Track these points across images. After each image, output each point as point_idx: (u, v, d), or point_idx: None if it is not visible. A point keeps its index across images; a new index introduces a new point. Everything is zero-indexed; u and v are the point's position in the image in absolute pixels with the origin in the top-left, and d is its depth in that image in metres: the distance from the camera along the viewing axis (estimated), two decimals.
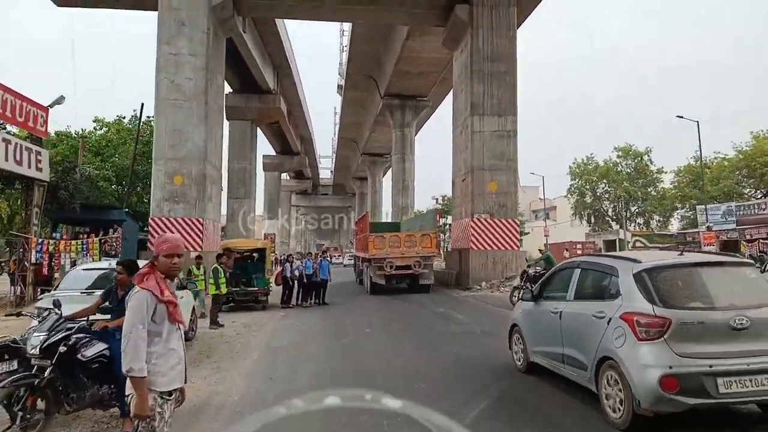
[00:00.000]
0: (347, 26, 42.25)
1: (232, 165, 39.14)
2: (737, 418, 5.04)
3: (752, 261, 6.19)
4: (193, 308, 10.51)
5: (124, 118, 32.24)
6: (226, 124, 39.56)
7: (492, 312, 13.93)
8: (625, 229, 38.75)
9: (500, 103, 20.83)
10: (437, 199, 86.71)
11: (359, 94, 44.42)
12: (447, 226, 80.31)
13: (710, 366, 4.32)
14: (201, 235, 19.27)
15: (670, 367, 4.35)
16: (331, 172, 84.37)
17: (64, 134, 29.41)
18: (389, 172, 70.96)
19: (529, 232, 58.66)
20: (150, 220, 19.38)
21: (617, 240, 40.24)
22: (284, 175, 74.44)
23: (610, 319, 4.94)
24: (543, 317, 6.34)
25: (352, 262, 32.44)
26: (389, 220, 41.61)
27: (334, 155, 72.03)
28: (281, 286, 16.28)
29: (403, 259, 18.79)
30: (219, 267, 12.50)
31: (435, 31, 28.96)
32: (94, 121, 31.99)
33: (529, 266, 14.79)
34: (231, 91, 39.27)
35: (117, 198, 28.86)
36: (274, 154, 59.47)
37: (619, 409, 4.74)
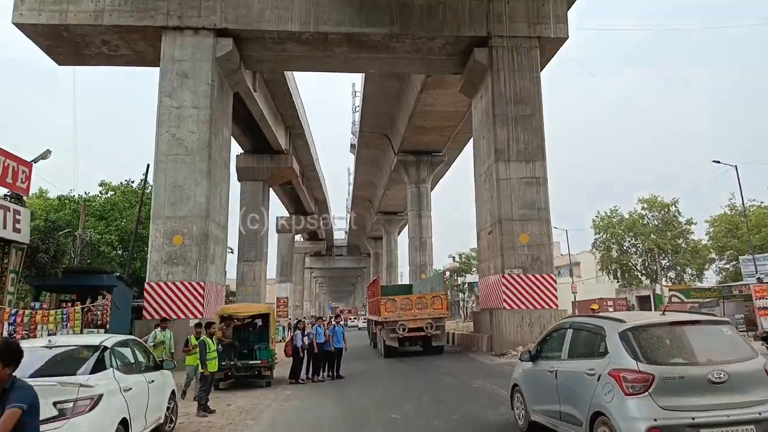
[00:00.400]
0: (359, 85, 41.78)
1: (244, 227, 37.57)
2: None
3: (727, 320, 6.20)
4: (173, 392, 8.28)
5: (132, 182, 31.22)
6: (235, 183, 38.80)
7: None
8: (661, 284, 35.91)
9: (527, 148, 19.02)
10: (454, 257, 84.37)
11: (373, 152, 43.33)
12: (465, 285, 77.44)
13: (692, 418, 4.62)
14: (202, 301, 17.21)
15: (655, 420, 4.66)
16: (346, 232, 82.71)
17: (67, 198, 28.11)
18: (405, 230, 69.41)
19: None
20: (145, 286, 17.41)
21: (651, 295, 37.32)
22: (298, 237, 72.93)
23: (600, 376, 5.23)
24: (540, 376, 6.59)
25: (366, 325, 31.95)
26: (406, 281, 40.52)
27: (349, 215, 70.62)
28: (292, 357, 13.98)
29: (416, 321, 18.75)
30: (207, 339, 10.30)
31: (449, 83, 27.88)
32: (99, 185, 30.87)
33: None
34: (243, 152, 38.33)
35: (120, 264, 27.14)
36: (288, 215, 58.13)
37: None
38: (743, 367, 4.91)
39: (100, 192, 30.63)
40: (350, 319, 60.89)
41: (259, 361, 12.71)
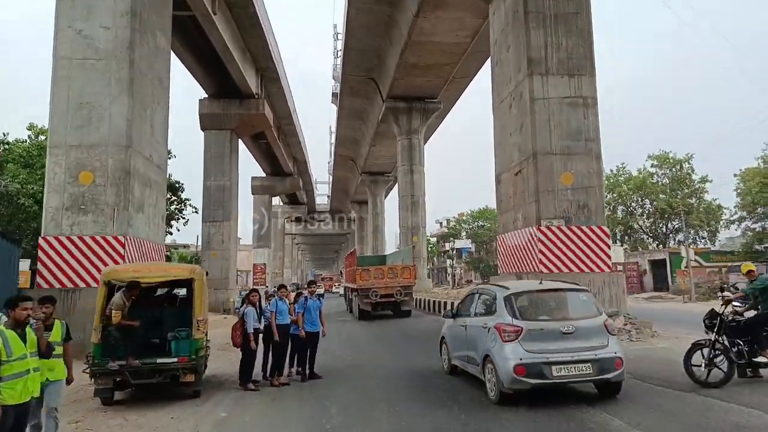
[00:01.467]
0: (341, 26, 35.87)
1: (208, 183, 31.98)
2: (582, 396, 6.89)
3: (586, 288, 7.56)
4: None
5: None
6: (199, 134, 33.08)
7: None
8: (686, 247, 31.61)
9: (571, 58, 13.78)
10: (441, 222, 79.78)
11: (358, 101, 37.65)
12: (453, 251, 73.04)
13: (547, 358, 6.33)
14: (121, 262, 11.94)
15: (521, 359, 6.34)
16: (328, 197, 77.30)
17: None
18: (392, 192, 64.23)
19: None
20: (40, 241, 12.05)
21: (667, 259, 33.09)
22: (277, 201, 67.38)
23: (489, 329, 6.98)
24: (458, 330, 8.39)
25: (342, 291, 33.59)
26: (391, 247, 41.71)
27: (331, 177, 65.08)
28: (241, 348, 8.82)
29: (387, 288, 20.87)
30: (60, 321, 5.19)
31: (452, 2, 22.42)
32: (28, 129, 24.96)
33: (726, 302, 7.47)
34: (207, 96, 32.45)
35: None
36: (264, 175, 52.44)
37: (493, 390, 6.79)
38: (588, 323, 6.67)
39: (29, 136, 24.76)
40: (334, 286, 57.79)
41: (175, 359, 7.48)
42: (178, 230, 33.21)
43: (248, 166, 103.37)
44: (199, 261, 32.67)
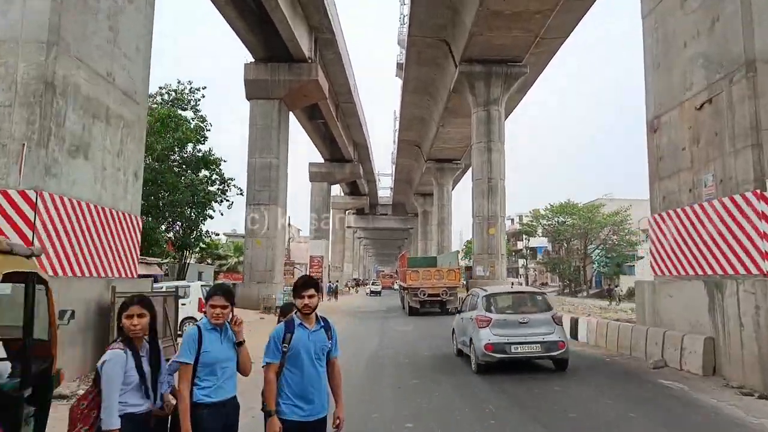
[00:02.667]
0: None
1: (253, 160, 27.46)
2: (540, 369, 9.35)
3: (543, 291, 11.96)
4: None
5: None
6: (241, 100, 28.70)
7: None
8: None
9: None
10: (513, 219, 72.58)
11: (425, 71, 31.95)
12: (527, 251, 65.71)
13: (507, 340, 8.80)
14: (30, 233, 6.98)
15: (490, 340, 8.82)
16: (391, 188, 72.10)
17: None
18: (460, 183, 57.93)
19: (643, 257, 43.77)
20: None
21: None
22: (336, 190, 62.94)
23: (473, 319, 9.48)
24: (460, 322, 11.00)
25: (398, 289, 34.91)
26: (456, 243, 42.06)
27: (394, 166, 59.76)
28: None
29: (434, 288, 23.20)
30: None
31: None
32: None
33: None
34: (253, 60, 27.93)
35: None
36: (322, 161, 47.92)
37: (473, 362, 9.35)
38: (539, 316, 9.13)
39: None
40: (395, 283, 56.85)
41: None
42: (221, 214, 28.98)
43: (309, 152, 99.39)
44: (240, 253, 28.25)
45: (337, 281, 43.40)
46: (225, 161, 28.09)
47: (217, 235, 28.75)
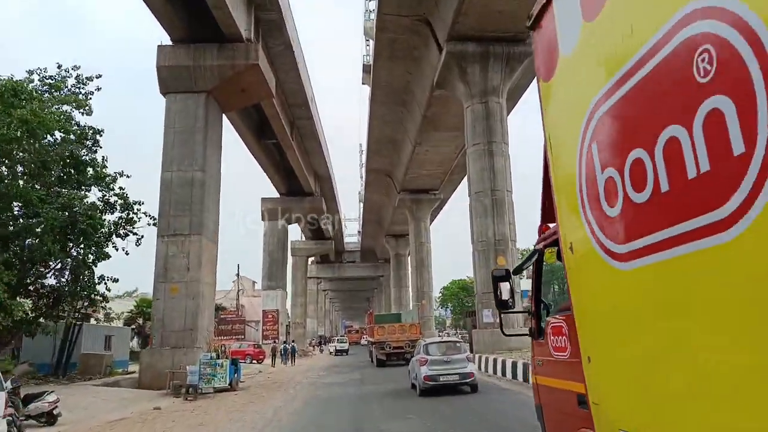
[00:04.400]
0: None
1: (169, 174, 19.45)
2: (461, 392, 13.07)
3: (460, 340, 16.89)
4: None
5: None
6: (159, 99, 20.98)
7: None
8: None
9: None
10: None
11: (399, 69, 25.13)
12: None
13: (438, 372, 12.75)
14: None
15: (426, 374, 12.74)
16: (359, 232, 64.38)
17: None
18: (438, 222, 50.61)
19: None
20: None
21: None
22: (297, 235, 54.67)
23: (416, 360, 13.68)
24: (412, 363, 14.61)
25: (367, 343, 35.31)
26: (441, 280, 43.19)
27: (361, 205, 52.28)
28: None
29: (398, 341, 24.93)
30: None
31: None
32: None
33: None
34: (171, 42, 20.41)
35: None
36: (278, 196, 39.97)
37: (417, 389, 13.41)
38: (458, 356, 13.07)
39: None
40: (362, 338, 53.81)
41: None
42: (127, 253, 20.41)
43: (257, 182, 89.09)
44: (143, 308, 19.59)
45: (293, 341, 34.78)
46: (128, 176, 19.93)
47: (116, 281, 19.94)
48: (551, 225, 3.86)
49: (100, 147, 19.15)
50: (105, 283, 19.65)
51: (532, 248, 4.44)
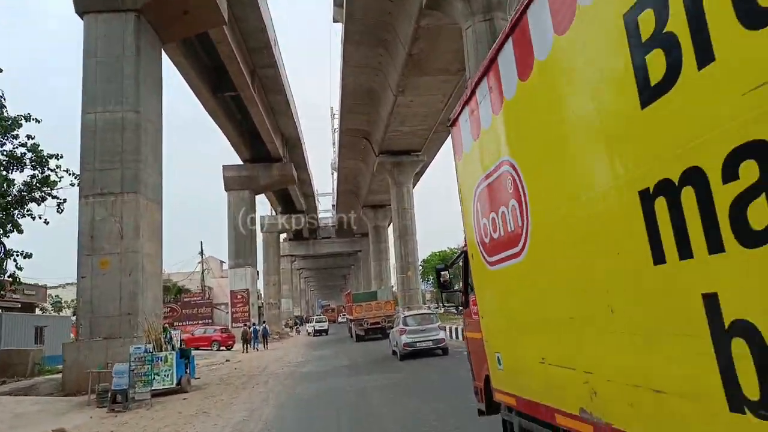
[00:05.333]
0: None
1: (91, 116, 14.89)
2: (434, 355, 16.01)
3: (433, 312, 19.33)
4: None
5: None
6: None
7: None
8: None
9: None
10: None
11: None
12: None
13: (415, 339, 16.13)
14: None
15: (405, 341, 16.07)
16: (333, 206, 60.14)
17: None
18: (421, 184, 46.78)
19: None
20: None
21: None
22: (267, 210, 50.17)
23: (396, 331, 17.63)
24: (393, 333, 18.33)
25: (346, 320, 39.38)
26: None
27: (336, 174, 47.97)
28: None
29: (375, 318, 27.29)
30: None
31: None
32: None
33: None
34: None
35: None
36: (241, 163, 35.31)
37: (398, 354, 16.74)
38: (431, 326, 16.63)
39: None
40: (339, 317, 58.35)
41: None
42: (47, 222, 15.84)
43: (219, 152, 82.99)
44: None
45: (265, 323, 30.86)
46: (38, 121, 15.30)
47: (29, 256, 15.38)
48: None
49: None
50: (15, 261, 15.10)
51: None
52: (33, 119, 15.04)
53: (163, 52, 17.44)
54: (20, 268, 15.24)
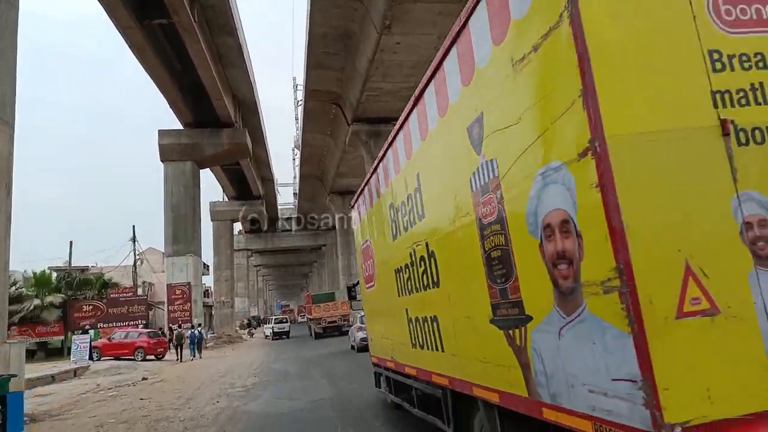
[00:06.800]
0: None
1: None
2: None
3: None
4: None
5: None
6: None
7: None
8: None
9: None
10: None
11: None
12: None
13: (361, 339, 16.15)
14: None
15: (361, 337, 16.05)
16: (295, 194, 53.27)
17: None
18: None
19: None
20: None
21: None
22: (219, 195, 42.98)
23: (354, 328, 18.97)
24: (351, 330, 20.32)
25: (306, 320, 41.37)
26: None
27: (298, 152, 41.21)
28: None
29: (332, 317, 29.38)
30: None
31: None
32: None
33: None
34: None
35: None
36: (181, 128, 28.23)
37: (355, 348, 18.26)
38: None
39: None
40: (299, 317, 56.95)
41: None
42: None
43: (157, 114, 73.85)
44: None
45: (200, 326, 24.12)
46: None
47: None
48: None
49: None
50: None
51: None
52: None
53: None
54: None
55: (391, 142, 5.12)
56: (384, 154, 5.51)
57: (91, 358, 19.64)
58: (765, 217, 2.02)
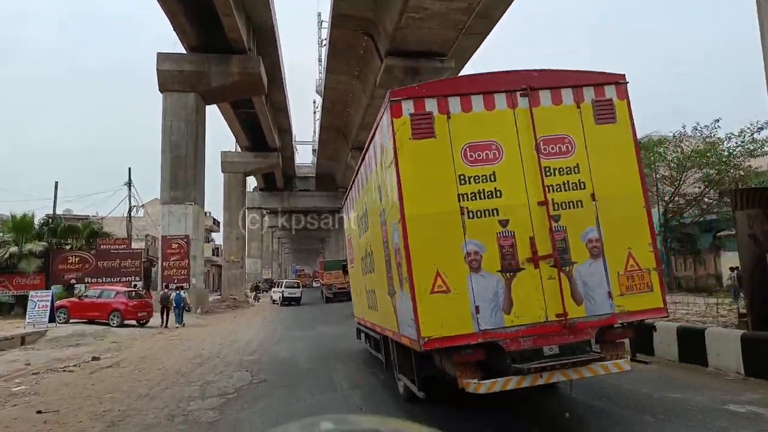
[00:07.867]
0: None
1: None
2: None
3: None
4: None
5: None
6: None
7: None
8: None
9: None
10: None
11: None
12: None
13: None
14: None
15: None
16: (314, 150, 48.49)
17: None
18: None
19: None
20: None
21: None
22: (231, 145, 38.35)
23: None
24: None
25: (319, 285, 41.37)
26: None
27: (320, 101, 36.04)
28: None
29: (342, 284, 29.07)
30: None
31: None
32: None
33: None
34: None
35: None
36: (184, 52, 23.35)
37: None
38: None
39: None
40: (314, 282, 54.47)
41: None
42: None
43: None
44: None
45: (182, 287, 19.86)
46: None
47: None
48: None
49: None
50: None
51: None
52: None
53: None
54: None
55: (357, 171, 7.98)
56: (355, 176, 8.34)
57: (53, 320, 15.46)
58: (477, 250, 4.84)
